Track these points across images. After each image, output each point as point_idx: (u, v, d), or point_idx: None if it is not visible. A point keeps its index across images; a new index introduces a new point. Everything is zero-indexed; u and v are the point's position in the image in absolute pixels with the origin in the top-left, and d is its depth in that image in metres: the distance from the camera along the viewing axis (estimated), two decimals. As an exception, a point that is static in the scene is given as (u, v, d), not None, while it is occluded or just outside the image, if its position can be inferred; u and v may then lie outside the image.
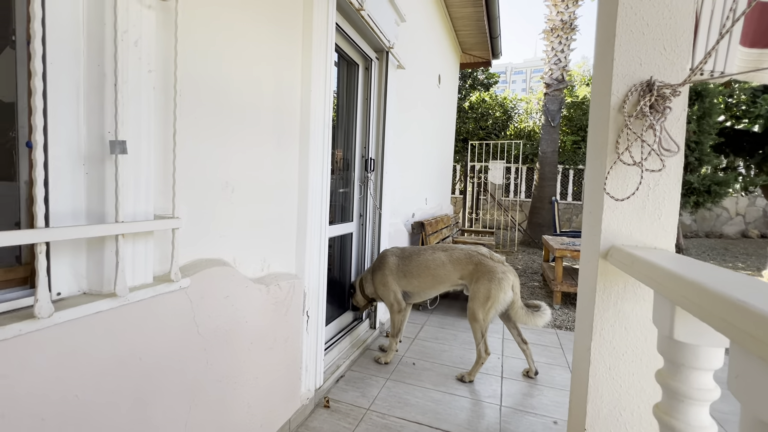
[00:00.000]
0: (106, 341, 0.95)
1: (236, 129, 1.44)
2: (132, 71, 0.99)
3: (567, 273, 4.65)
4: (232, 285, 1.40)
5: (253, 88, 1.52)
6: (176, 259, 1.13)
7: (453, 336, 3.17)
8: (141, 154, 1.03)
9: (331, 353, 2.52)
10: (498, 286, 2.38)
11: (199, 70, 1.25)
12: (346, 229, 2.87)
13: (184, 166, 1.20)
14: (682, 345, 0.83)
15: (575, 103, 12.25)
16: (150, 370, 1.08)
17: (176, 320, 1.16)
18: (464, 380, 2.40)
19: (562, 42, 8.54)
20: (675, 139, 1.14)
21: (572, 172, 10.56)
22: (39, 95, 0.76)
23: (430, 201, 5.08)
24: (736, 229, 10.87)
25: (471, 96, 13.37)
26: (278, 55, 1.66)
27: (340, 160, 2.82)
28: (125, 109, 0.97)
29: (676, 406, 0.85)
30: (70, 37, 0.89)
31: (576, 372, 1.43)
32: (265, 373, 1.62)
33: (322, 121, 1.96)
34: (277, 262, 1.76)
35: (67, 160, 0.90)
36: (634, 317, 1.21)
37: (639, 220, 1.20)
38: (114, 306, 0.96)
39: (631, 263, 1.03)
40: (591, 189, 1.36)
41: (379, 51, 2.95)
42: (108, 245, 0.97)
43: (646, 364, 1.20)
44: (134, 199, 1.02)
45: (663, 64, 1.16)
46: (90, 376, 0.92)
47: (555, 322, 3.70)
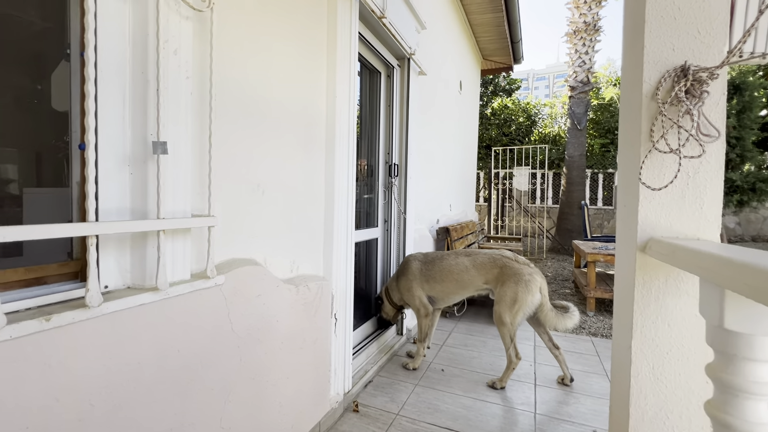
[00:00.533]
0: (148, 333, 0.99)
1: (266, 134, 1.49)
2: (172, 78, 1.05)
3: (600, 278, 4.46)
4: (263, 284, 1.43)
5: (282, 96, 1.57)
6: (212, 256, 1.17)
7: (482, 343, 3.10)
8: (180, 155, 1.09)
9: (359, 358, 2.51)
10: (525, 288, 2.31)
11: (232, 77, 1.31)
12: (372, 234, 2.88)
13: (218, 167, 1.25)
14: (734, 334, 0.78)
15: (602, 106, 11.92)
16: (187, 364, 1.11)
17: (212, 316, 1.20)
18: (495, 387, 2.33)
19: (585, 44, 8.38)
20: (715, 124, 1.09)
21: (602, 176, 10.21)
22: (92, 98, 0.82)
23: (454, 207, 5.04)
24: (787, 233, 10.11)
25: (493, 102, 13.26)
26: (304, 66, 1.72)
27: (364, 166, 2.86)
28: (166, 112, 1.03)
29: (731, 402, 0.79)
30: (117, 46, 0.96)
31: (616, 374, 1.37)
32: (295, 373, 1.64)
33: (346, 128, 2.00)
34: (305, 264, 1.79)
35: (113, 160, 0.96)
36: (678, 312, 1.14)
37: (679, 210, 1.15)
38: (155, 299, 1.00)
39: (672, 252, 0.98)
40: (625, 180, 1.32)
41: (400, 58, 2.99)
42: (150, 241, 1.02)
43: (693, 362, 1.13)
44: (173, 197, 1.07)
45: (698, 48, 1.12)
46: (133, 366, 0.96)
47: (590, 330, 3.55)
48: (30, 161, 0.99)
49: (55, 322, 0.78)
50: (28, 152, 0.98)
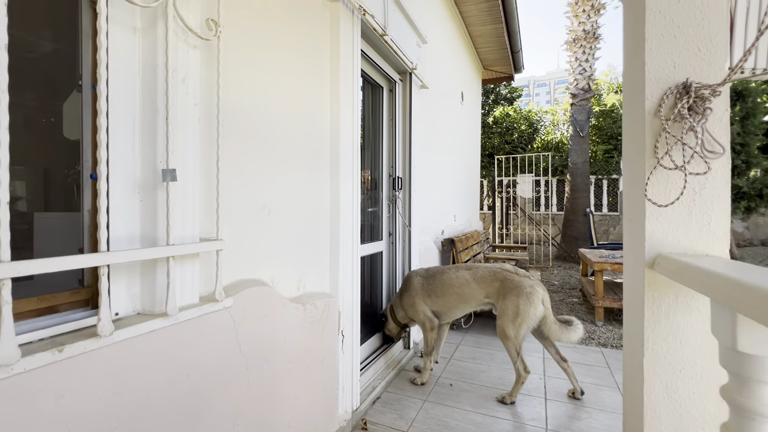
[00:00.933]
0: (158, 359, 1.00)
1: (272, 154, 1.51)
2: (180, 105, 1.08)
3: (608, 287, 4.42)
4: (270, 304, 1.44)
5: (286, 116, 1.60)
6: (220, 279, 1.18)
7: (490, 356, 3.07)
8: (188, 181, 1.10)
9: (367, 374, 2.49)
10: (527, 301, 2.30)
11: (237, 101, 1.34)
12: (377, 247, 2.89)
13: (225, 190, 1.27)
14: (748, 357, 0.77)
15: (604, 112, 11.93)
16: (197, 388, 1.11)
17: (220, 339, 1.20)
18: (505, 402, 2.30)
19: (586, 52, 8.43)
20: (719, 140, 1.09)
21: (606, 182, 10.18)
22: (104, 131, 0.84)
23: (458, 217, 5.03)
24: (796, 236, 9.98)
25: (494, 111, 13.33)
26: (308, 85, 1.75)
27: (368, 180, 2.88)
28: (175, 139, 1.05)
29: (748, 425, 0.78)
30: (128, 77, 0.99)
31: (628, 392, 1.35)
32: (303, 392, 1.63)
33: (350, 144, 2.02)
34: (312, 282, 1.79)
35: (124, 189, 0.98)
36: (690, 329, 1.13)
37: (686, 227, 1.14)
38: (165, 325, 1.01)
39: (681, 271, 0.98)
40: (630, 196, 1.32)
41: (402, 73, 3.03)
42: (159, 267, 1.03)
43: (707, 380, 1.12)
44: (182, 223, 1.08)
45: (699, 65, 1.13)
46: (144, 393, 0.96)
47: (599, 340, 3.50)
48: (42, 188, 1.01)
49: (68, 353, 0.79)
50: (40, 179, 1.00)
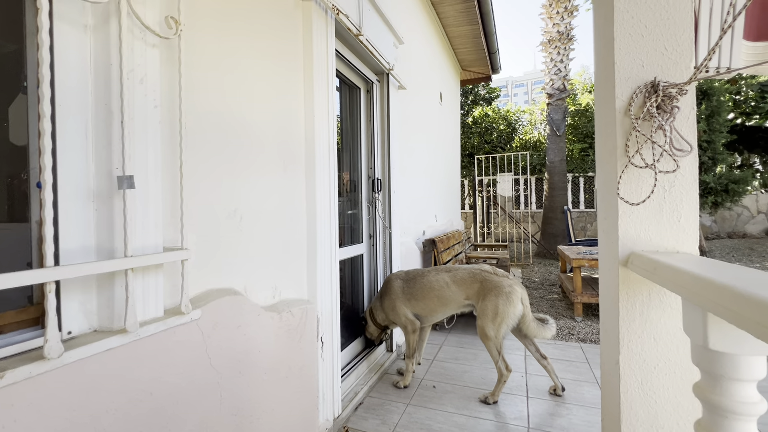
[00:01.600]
0: (118, 378, 0.93)
1: (242, 158, 1.45)
2: (138, 108, 1.01)
3: (586, 283, 4.51)
4: (243, 314, 1.38)
5: (257, 117, 1.54)
6: (186, 290, 1.12)
7: (473, 355, 3.07)
8: (149, 188, 1.04)
9: (348, 379, 2.45)
10: (507, 300, 2.32)
11: (204, 102, 1.28)
12: (357, 251, 2.85)
13: (191, 196, 1.21)
14: (719, 355, 0.77)
15: (579, 111, 12.24)
16: (162, 406, 1.05)
17: (188, 353, 1.14)
18: (488, 402, 2.30)
19: (560, 52, 8.62)
20: (687, 139, 1.10)
21: (582, 179, 10.44)
22: (47, 136, 0.78)
23: (440, 218, 5.05)
24: (760, 228, 10.49)
25: (474, 111, 13.48)
26: (280, 87, 1.70)
27: (346, 182, 2.83)
28: (132, 144, 0.99)
29: (720, 422, 0.79)
30: (78, 78, 0.92)
31: (606, 389, 1.36)
32: (281, 403, 1.58)
33: (326, 145, 1.97)
34: (288, 288, 1.74)
35: (76, 198, 0.91)
36: (663, 326, 1.14)
37: (657, 224, 1.15)
38: (125, 342, 0.95)
39: (653, 269, 0.98)
40: (604, 195, 1.33)
41: (379, 73, 3.00)
42: (118, 280, 0.97)
43: (680, 376, 1.13)
44: (143, 232, 1.02)
45: (666, 64, 1.14)
46: (102, 416, 0.89)
47: (579, 336, 3.56)
48: (-15, 200, 0.93)
49: (9, 379, 0.72)
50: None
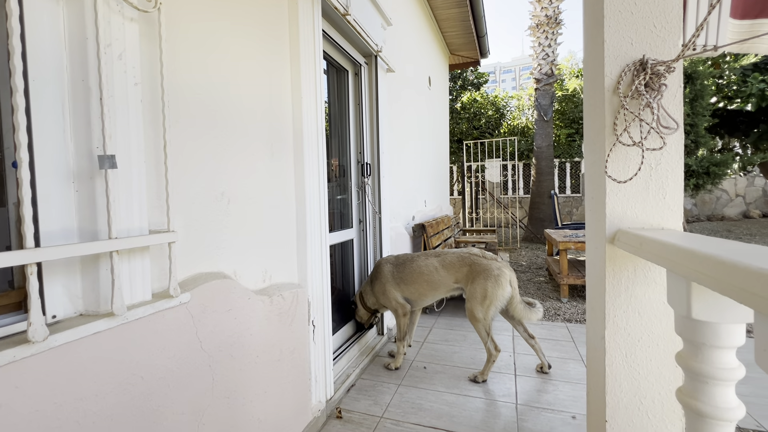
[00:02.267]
0: (106, 362, 0.92)
1: (228, 139, 1.42)
2: (118, 85, 0.97)
3: (572, 265, 4.61)
4: (233, 298, 1.37)
5: (243, 99, 1.50)
6: (174, 274, 1.10)
7: (462, 337, 3.13)
8: (132, 168, 1.01)
9: (340, 362, 2.47)
10: (495, 283, 2.35)
11: (188, 82, 1.24)
12: (347, 235, 2.84)
13: (177, 178, 1.18)
14: (701, 324, 0.80)
15: (566, 97, 12.30)
16: (153, 389, 1.04)
17: (178, 337, 1.13)
18: (477, 380, 2.35)
19: (548, 37, 8.60)
20: (673, 116, 1.12)
21: (569, 165, 10.56)
22: (21, 112, 0.74)
23: (429, 203, 5.06)
24: (737, 211, 10.84)
25: (462, 96, 13.42)
26: (266, 66, 1.65)
27: (336, 166, 2.81)
28: (113, 123, 0.95)
29: (701, 388, 0.82)
30: (51, 52, 0.88)
31: (591, 363, 1.40)
32: (273, 386, 1.58)
33: (315, 128, 1.94)
34: (279, 273, 1.73)
35: (55, 178, 0.88)
36: (647, 301, 1.18)
37: (643, 202, 1.17)
38: (112, 326, 0.93)
39: (639, 245, 1.00)
40: (592, 174, 1.34)
41: (367, 56, 2.95)
42: (103, 263, 0.95)
43: (663, 348, 1.17)
44: (127, 214, 1.00)
45: (654, 42, 1.15)
46: (90, 400, 0.88)
47: (565, 316, 3.66)
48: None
49: (-7, 363, 0.70)
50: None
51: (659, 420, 1.19)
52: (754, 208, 10.77)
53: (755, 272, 0.54)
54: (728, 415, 0.78)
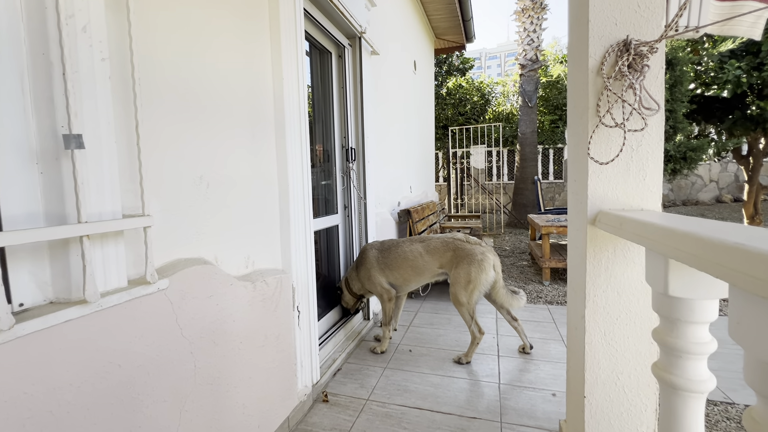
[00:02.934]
0: (80, 351, 0.89)
1: (207, 121, 1.37)
2: (83, 59, 0.92)
3: (554, 249, 4.71)
4: (215, 284, 1.34)
5: (221, 79, 1.44)
6: (151, 259, 1.07)
7: (447, 320, 3.18)
8: (102, 149, 0.96)
9: (326, 347, 2.48)
10: (479, 267, 2.38)
11: (161, 59, 1.17)
12: (332, 221, 2.82)
13: (152, 160, 1.13)
14: (677, 300, 0.82)
15: (550, 83, 12.37)
16: (132, 378, 1.02)
17: (157, 323, 1.10)
18: (461, 362, 2.40)
19: (533, 22, 8.57)
20: (655, 98, 1.13)
21: (552, 151, 10.69)
22: (-27, 85, 0.69)
23: (414, 189, 5.06)
24: (711, 195, 11.23)
25: (448, 82, 13.34)
26: (245, 45, 1.59)
27: (320, 151, 2.76)
28: (78, 100, 0.90)
29: (675, 363, 0.85)
30: (6, 22, 0.81)
31: (571, 341, 1.43)
32: (258, 372, 1.57)
33: (297, 111, 1.89)
34: (262, 258, 1.70)
35: (16, 158, 0.83)
36: (626, 280, 1.20)
37: (624, 183, 1.19)
38: (85, 313, 0.89)
39: (620, 225, 1.02)
40: (574, 156, 1.35)
41: (351, 37, 2.88)
42: (73, 249, 0.90)
43: (640, 325, 1.21)
44: (98, 197, 0.95)
45: (638, 22, 1.14)
46: (64, 389, 0.85)
47: (546, 298, 3.75)
48: None
49: (-46, 353, 0.67)
50: None
51: (635, 394, 1.24)
52: (727, 193, 11.19)
53: (731, 247, 0.55)
54: (700, 387, 0.81)
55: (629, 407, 1.25)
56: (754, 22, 1.29)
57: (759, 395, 0.54)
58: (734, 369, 2.19)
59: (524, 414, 1.88)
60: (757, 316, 0.52)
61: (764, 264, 0.48)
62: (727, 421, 1.83)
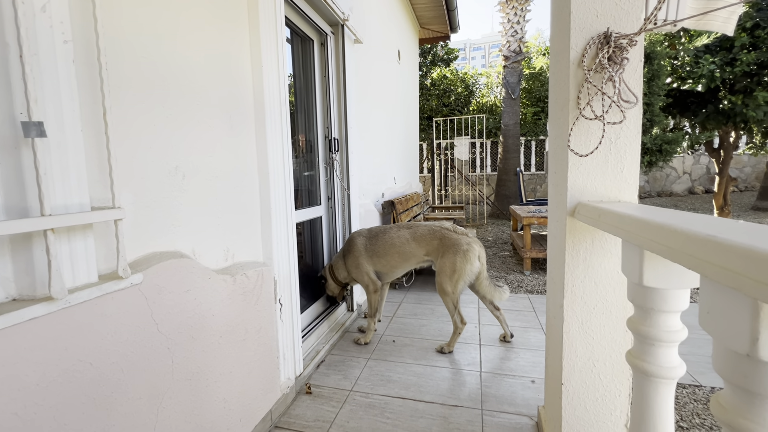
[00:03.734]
0: (47, 350, 0.85)
1: (182, 110, 1.31)
2: (43, 42, 0.86)
3: (535, 240, 4.80)
4: (192, 278, 1.30)
5: (197, 66, 1.38)
6: (123, 253, 1.03)
7: (430, 311, 3.21)
8: (66, 138, 0.91)
9: (310, 339, 2.47)
10: (464, 258, 2.40)
11: (132, 42, 1.11)
12: (315, 213, 2.78)
13: (122, 150, 1.08)
14: (651, 290, 0.84)
15: (533, 75, 12.48)
16: (105, 376, 0.99)
17: (131, 320, 1.06)
18: (444, 351, 2.43)
19: (517, 13, 8.59)
20: (633, 91, 1.14)
21: (534, 143, 10.84)
22: None
23: (399, 180, 5.05)
24: (684, 187, 11.64)
25: (432, 72, 13.28)
26: (221, 30, 1.52)
27: (302, 142, 2.71)
28: (39, 85, 0.84)
29: (648, 350, 0.87)
30: (-46, -1, 0.75)
31: (550, 330, 1.47)
32: (239, 366, 1.55)
33: (278, 99, 1.84)
34: (242, 251, 1.67)
35: (-30, 148, 0.77)
36: (603, 271, 1.23)
37: (603, 175, 1.21)
38: (52, 310, 0.85)
39: (598, 216, 1.03)
40: (555, 148, 1.36)
41: (333, 24, 2.81)
42: (36, 243, 0.86)
43: (615, 314, 1.24)
44: (63, 189, 0.90)
45: (618, 15, 1.15)
46: (30, 390, 0.82)
47: (527, 288, 3.83)
48: None
49: None
50: None
51: (609, 380, 1.28)
52: (699, 185, 11.61)
53: (703, 239, 0.56)
54: (671, 374, 0.84)
55: (604, 393, 1.29)
56: (728, 18, 1.32)
57: (726, 382, 0.56)
58: (702, 353, 2.29)
59: (504, 401, 1.92)
60: (727, 306, 0.53)
61: (735, 256, 0.50)
62: (694, 402, 1.92)
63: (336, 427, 1.76)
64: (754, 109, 5.20)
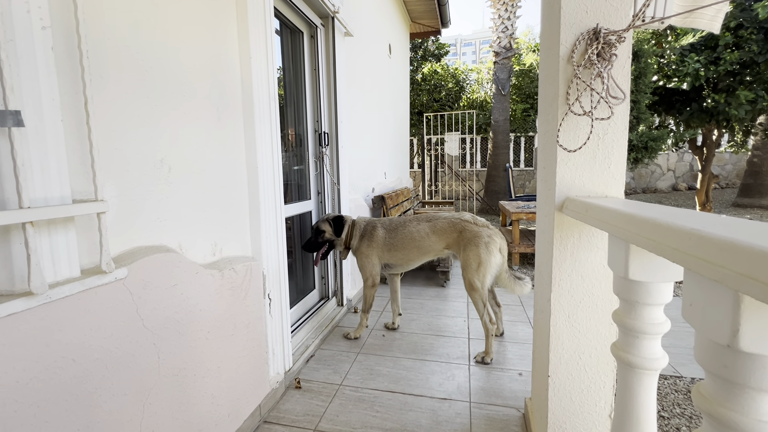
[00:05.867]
0: (27, 346, 0.83)
1: (168, 101, 1.28)
2: (20, 27, 0.82)
3: (523, 235, 4.85)
4: (179, 272, 1.28)
5: (183, 56, 1.35)
6: (106, 247, 1.00)
7: (420, 305, 3.23)
8: (46, 128, 0.88)
9: (299, 334, 2.46)
10: (486, 250, 2.32)
11: (115, 30, 1.08)
12: (305, 207, 2.76)
13: (105, 141, 1.05)
14: (636, 284, 0.86)
15: (523, 71, 12.54)
16: (89, 372, 0.97)
17: (115, 315, 1.04)
18: (486, 362, 2.25)
19: (508, 9, 8.60)
20: (621, 87, 1.15)
21: (523, 139, 10.93)
22: None
23: (389, 175, 5.04)
24: (668, 184, 11.89)
25: (423, 67, 13.25)
26: (208, 19, 1.49)
27: (292, 135, 2.67)
28: (15, 73, 0.81)
29: (632, 342, 0.89)
30: None
31: (538, 324, 1.49)
32: (228, 361, 1.54)
33: (266, 92, 1.81)
34: (230, 246, 1.65)
35: (-58, 137, 0.74)
36: (590, 265, 1.25)
37: (590, 170, 1.22)
38: (32, 306, 0.83)
39: (585, 211, 1.05)
40: (544, 143, 1.37)
41: (323, 17, 2.77)
42: (15, 237, 0.83)
43: (601, 308, 1.26)
44: (43, 181, 0.87)
45: (608, 11, 1.16)
46: (10, 387, 0.80)
47: (515, 282, 3.87)
48: None
49: None
50: None
51: (595, 372, 1.30)
52: (682, 182, 11.87)
53: (687, 233, 0.57)
54: (654, 365, 0.86)
55: (589, 384, 1.31)
56: (714, 16, 1.34)
57: (707, 372, 0.58)
58: (683, 345, 2.36)
59: (492, 393, 1.95)
60: (709, 298, 0.55)
61: (718, 249, 0.51)
62: (675, 393, 1.98)
63: (325, 421, 1.76)
64: (736, 107, 5.33)
